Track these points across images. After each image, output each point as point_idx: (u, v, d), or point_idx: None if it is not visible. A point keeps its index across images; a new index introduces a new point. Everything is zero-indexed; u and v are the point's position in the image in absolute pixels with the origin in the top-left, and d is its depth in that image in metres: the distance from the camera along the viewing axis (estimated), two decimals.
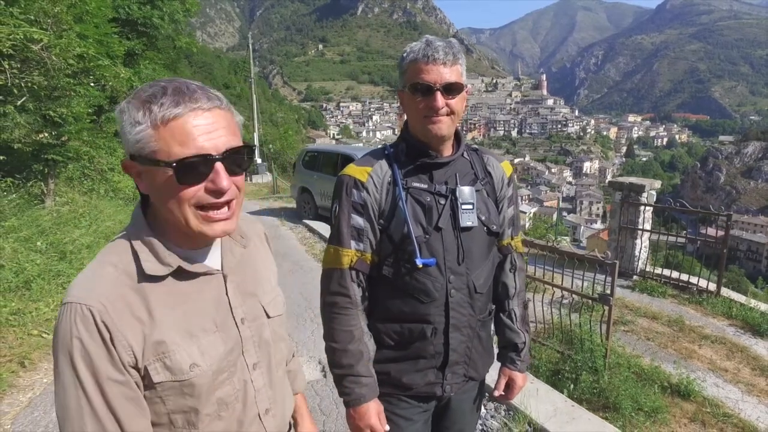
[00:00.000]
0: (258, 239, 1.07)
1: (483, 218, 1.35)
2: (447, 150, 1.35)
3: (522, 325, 1.50)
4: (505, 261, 1.49)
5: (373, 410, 1.31)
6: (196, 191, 0.80)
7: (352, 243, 1.31)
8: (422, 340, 1.34)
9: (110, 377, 0.78)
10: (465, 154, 1.40)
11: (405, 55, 1.29)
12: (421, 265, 1.27)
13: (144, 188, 0.84)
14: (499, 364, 1.55)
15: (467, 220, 1.31)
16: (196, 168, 0.78)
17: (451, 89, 1.25)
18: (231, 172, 0.82)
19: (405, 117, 1.37)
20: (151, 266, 0.83)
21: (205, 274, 0.90)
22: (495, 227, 1.39)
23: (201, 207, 0.81)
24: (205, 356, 0.86)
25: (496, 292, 1.50)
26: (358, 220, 1.31)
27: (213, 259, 0.92)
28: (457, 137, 1.39)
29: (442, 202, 1.31)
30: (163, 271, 0.84)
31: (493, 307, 1.51)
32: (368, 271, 1.35)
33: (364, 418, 1.30)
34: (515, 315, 1.50)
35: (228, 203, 0.83)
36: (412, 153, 1.34)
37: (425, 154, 1.32)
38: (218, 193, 0.80)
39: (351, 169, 1.35)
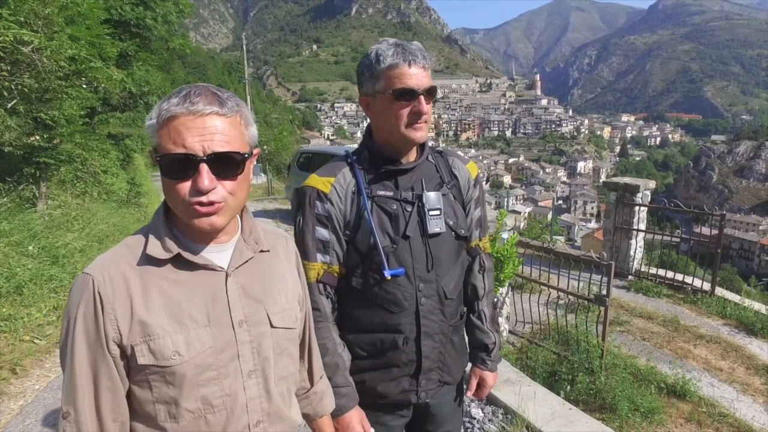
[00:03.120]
0: (284, 254, 1.09)
1: (451, 223, 1.34)
2: (412, 155, 1.33)
3: (492, 326, 1.51)
4: (474, 262, 1.48)
5: (356, 418, 1.31)
6: (185, 188, 0.85)
7: (318, 256, 1.29)
8: (394, 349, 1.33)
9: (92, 343, 0.85)
10: (430, 158, 1.38)
11: (379, 58, 1.22)
12: (389, 277, 1.25)
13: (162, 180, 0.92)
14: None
15: (435, 226, 1.30)
16: (179, 165, 0.84)
17: (431, 93, 1.24)
18: (219, 176, 0.87)
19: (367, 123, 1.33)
20: (154, 249, 0.90)
21: (204, 267, 0.92)
22: (463, 232, 1.38)
23: (190, 204, 0.86)
24: (190, 347, 0.88)
25: (465, 294, 1.49)
26: (323, 233, 1.29)
27: (221, 258, 0.95)
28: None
29: (409, 209, 1.29)
30: (164, 255, 0.89)
31: (465, 310, 1.50)
32: (336, 283, 1.33)
33: (347, 427, 1.30)
34: (485, 316, 1.50)
35: (212, 203, 0.86)
36: (376, 160, 1.31)
37: (389, 161, 1.30)
38: (199, 192, 0.84)
39: (313, 180, 1.32)
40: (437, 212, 1.30)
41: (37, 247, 5.10)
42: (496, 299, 1.56)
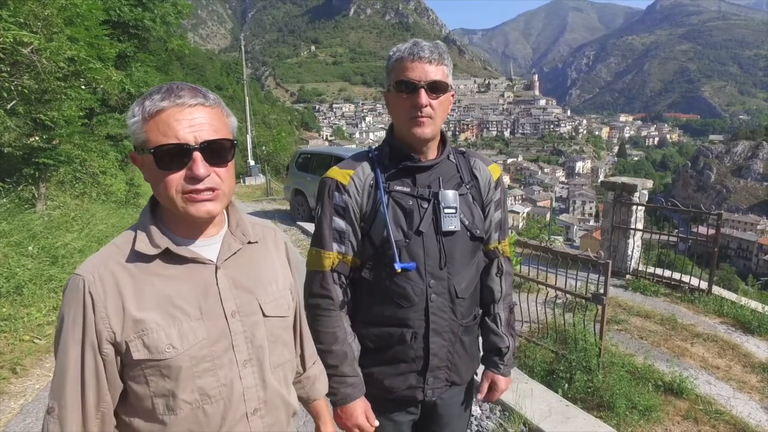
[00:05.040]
0: (273, 244, 1.11)
1: (466, 222, 1.34)
2: (431, 153, 1.34)
3: (507, 330, 1.49)
4: (492, 265, 1.46)
5: (360, 409, 1.33)
6: (179, 178, 0.87)
7: (334, 245, 1.32)
8: (402, 344, 1.34)
9: (80, 342, 0.87)
10: (451, 157, 1.38)
11: (391, 54, 1.28)
12: (399, 270, 1.26)
13: (145, 178, 0.92)
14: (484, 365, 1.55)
15: (449, 224, 1.30)
16: (173, 155, 0.87)
17: (436, 88, 1.23)
18: (212, 163, 0.89)
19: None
20: (142, 245, 0.91)
21: (194, 260, 0.93)
22: (479, 232, 1.37)
23: (185, 193, 0.88)
24: (184, 340, 0.90)
25: (482, 296, 1.48)
26: (340, 223, 1.31)
27: (210, 251, 0.97)
28: (443, 140, 1.37)
29: (425, 205, 1.30)
30: (152, 251, 0.91)
31: (480, 311, 1.49)
32: (349, 273, 1.34)
33: (351, 417, 1.32)
34: (500, 319, 1.48)
35: (209, 190, 0.89)
36: (396, 156, 1.33)
37: (408, 158, 1.31)
38: (196, 179, 0.87)
39: (334, 172, 1.35)
40: (452, 210, 1.30)
41: (37, 248, 5.11)
42: (514, 303, 1.55)
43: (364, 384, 1.35)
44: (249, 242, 1.03)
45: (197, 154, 0.87)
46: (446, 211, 1.30)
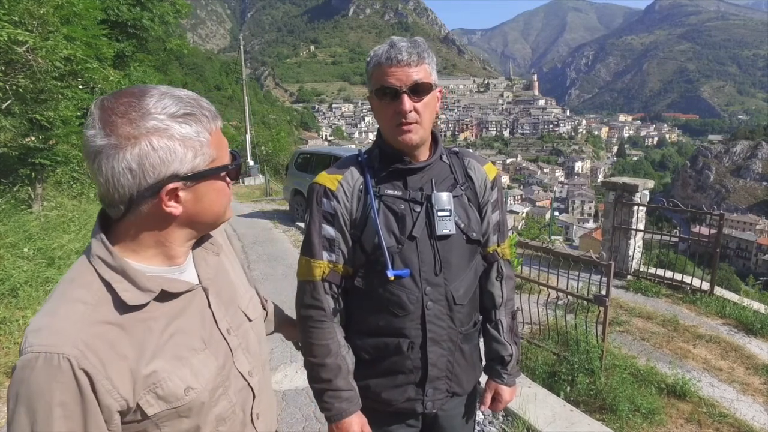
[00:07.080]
0: (223, 240, 1.05)
1: (462, 225, 1.28)
2: (423, 155, 1.28)
3: (510, 337, 1.43)
4: (491, 269, 1.40)
5: (356, 424, 1.27)
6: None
7: (324, 254, 1.26)
8: (398, 354, 1.28)
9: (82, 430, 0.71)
10: (444, 158, 1.33)
11: (369, 59, 1.22)
12: (392, 278, 1.21)
13: (187, 208, 0.81)
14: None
15: (444, 227, 1.24)
16: (237, 168, 0.89)
17: (419, 90, 1.17)
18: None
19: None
20: (132, 296, 0.77)
21: (186, 291, 0.86)
22: (475, 235, 1.32)
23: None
24: (199, 377, 0.83)
25: (482, 301, 1.42)
26: (329, 230, 1.26)
27: (189, 274, 0.89)
28: (435, 140, 1.32)
29: (417, 209, 1.25)
30: (146, 298, 0.79)
31: (480, 318, 1.43)
32: (341, 282, 1.29)
33: None
34: (502, 326, 1.42)
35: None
36: (386, 159, 1.28)
37: (398, 160, 1.26)
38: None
39: (322, 177, 1.30)
40: (446, 213, 1.25)
41: (33, 249, 5.06)
42: (517, 308, 1.51)
43: (359, 398, 1.29)
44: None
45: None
46: (440, 214, 1.24)
